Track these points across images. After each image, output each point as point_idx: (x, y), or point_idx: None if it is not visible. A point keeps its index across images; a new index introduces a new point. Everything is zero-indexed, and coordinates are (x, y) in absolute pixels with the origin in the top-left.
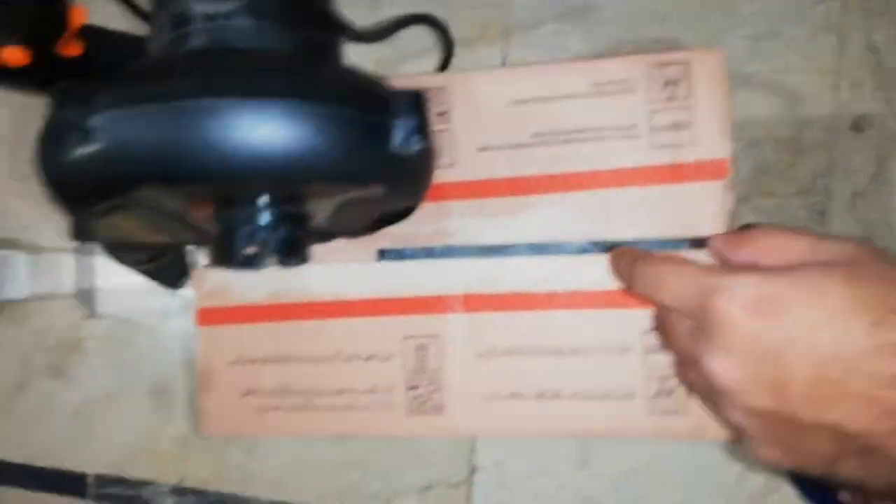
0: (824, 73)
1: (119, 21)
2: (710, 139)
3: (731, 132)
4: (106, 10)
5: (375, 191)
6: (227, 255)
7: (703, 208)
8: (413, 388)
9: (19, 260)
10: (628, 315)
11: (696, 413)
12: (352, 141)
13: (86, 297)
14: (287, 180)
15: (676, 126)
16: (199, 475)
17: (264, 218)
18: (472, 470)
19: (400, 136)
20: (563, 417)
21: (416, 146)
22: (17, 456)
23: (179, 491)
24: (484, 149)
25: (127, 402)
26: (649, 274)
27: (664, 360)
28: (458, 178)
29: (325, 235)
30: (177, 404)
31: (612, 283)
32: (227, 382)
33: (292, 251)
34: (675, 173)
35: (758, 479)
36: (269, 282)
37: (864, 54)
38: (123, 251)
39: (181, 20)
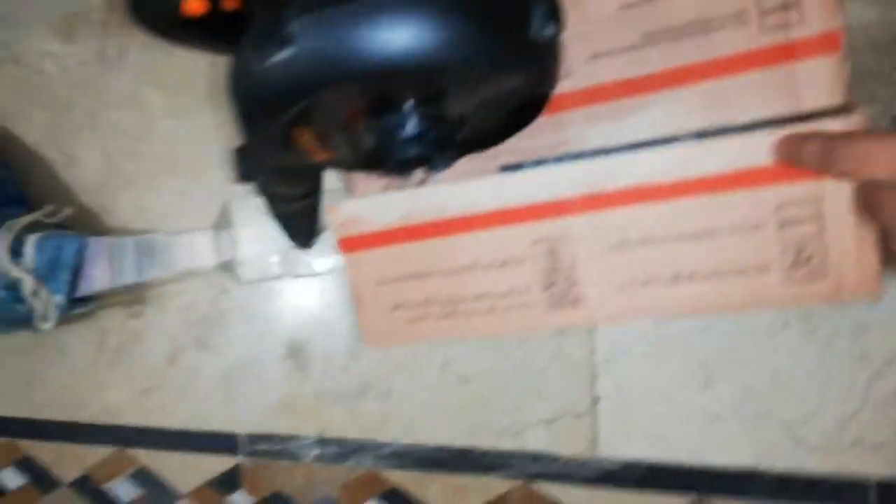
0: None
1: None
2: (820, 13)
3: (840, 3)
4: None
5: (516, 78)
6: (384, 161)
7: (820, 83)
8: (550, 285)
9: (161, 242)
10: (759, 193)
11: (833, 276)
12: (498, 27)
13: (227, 269)
14: (443, 69)
15: (785, 5)
16: (338, 426)
17: (414, 122)
18: (595, 399)
19: (537, 21)
20: (699, 296)
21: (551, 31)
22: (171, 423)
23: (322, 442)
24: (596, 56)
25: (267, 365)
26: (856, 151)
27: (800, 232)
28: (573, 87)
29: (460, 148)
30: (312, 361)
31: (736, 165)
32: (376, 301)
33: (440, 153)
34: (789, 52)
35: (890, 383)
36: (398, 206)
37: None
38: (279, 185)
39: None
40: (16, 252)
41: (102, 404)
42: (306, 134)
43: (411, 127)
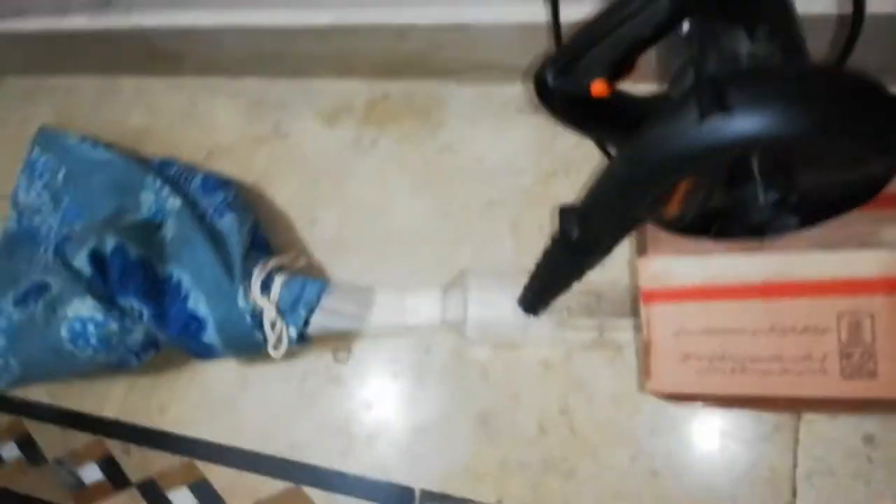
0: None
1: None
2: None
3: None
4: None
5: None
6: (734, 224)
7: None
8: (847, 356)
9: (388, 296)
10: None
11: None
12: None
13: (453, 328)
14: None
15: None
16: (517, 497)
17: (772, 190)
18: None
19: None
20: None
21: None
22: (352, 468)
23: None
24: None
25: (455, 427)
26: None
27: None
28: None
29: (800, 220)
30: (500, 430)
31: None
32: (669, 349)
33: (784, 222)
34: None
35: None
36: (703, 269)
37: None
38: (610, 237)
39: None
40: (265, 286)
41: (290, 440)
42: (682, 189)
43: (770, 194)
